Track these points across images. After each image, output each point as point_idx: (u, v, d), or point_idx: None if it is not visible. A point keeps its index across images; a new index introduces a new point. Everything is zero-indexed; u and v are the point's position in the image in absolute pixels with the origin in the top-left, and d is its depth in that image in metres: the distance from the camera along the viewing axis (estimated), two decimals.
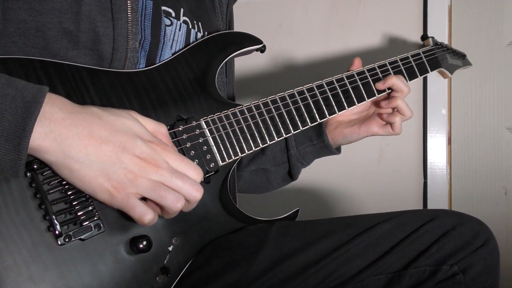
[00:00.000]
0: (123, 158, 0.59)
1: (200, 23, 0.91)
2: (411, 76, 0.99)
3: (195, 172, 0.64)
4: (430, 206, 1.55)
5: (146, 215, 0.60)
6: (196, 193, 0.63)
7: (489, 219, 1.01)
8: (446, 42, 1.53)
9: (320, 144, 1.00)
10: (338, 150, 1.04)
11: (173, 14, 0.85)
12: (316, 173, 1.63)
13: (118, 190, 0.59)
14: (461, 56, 1.17)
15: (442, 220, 0.75)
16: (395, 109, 0.96)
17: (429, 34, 1.53)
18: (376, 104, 0.99)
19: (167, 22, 0.84)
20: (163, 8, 0.83)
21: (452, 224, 0.75)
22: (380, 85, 0.94)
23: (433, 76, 1.54)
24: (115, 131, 0.60)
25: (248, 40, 0.87)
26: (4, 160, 0.55)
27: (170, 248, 0.71)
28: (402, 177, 1.59)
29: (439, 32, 1.53)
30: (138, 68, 0.77)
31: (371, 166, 1.62)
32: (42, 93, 0.56)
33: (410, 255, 0.73)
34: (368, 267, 0.73)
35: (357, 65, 0.97)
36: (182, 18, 0.87)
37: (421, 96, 1.57)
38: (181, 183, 0.62)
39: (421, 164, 1.58)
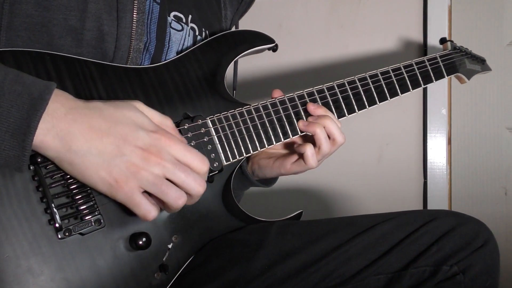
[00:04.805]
0: (124, 150, 0.59)
1: (207, 31, 0.91)
2: (426, 80, 0.96)
3: (201, 163, 0.63)
4: (430, 206, 1.55)
5: (151, 212, 0.60)
6: (198, 187, 0.62)
7: (489, 219, 1.01)
8: None
9: (238, 169, 0.91)
10: (263, 183, 0.94)
11: (184, 20, 0.86)
12: (316, 173, 1.63)
13: (119, 184, 0.59)
14: (480, 61, 1.14)
15: (442, 221, 0.75)
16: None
17: (429, 34, 1.53)
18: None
19: (178, 27, 0.84)
20: (174, 13, 0.84)
21: (452, 224, 0.75)
22: (301, 125, 0.82)
23: None
24: (116, 123, 0.60)
25: (260, 39, 0.86)
26: (9, 156, 0.55)
27: (170, 246, 0.71)
28: (402, 177, 1.60)
29: (439, 32, 1.53)
30: (147, 64, 0.77)
31: (371, 166, 1.62)
32: (48, 90, 0.57)
33: (410, 255, 0.73)
34: (368, 266, 0.73)
35: (276, 96, 0.85)
36: (190, 24, 0.87)
37: (421, 96, 1.57)
38: (184, 176, 0.61)
39: (421, 164, 1.58)
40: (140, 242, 0.65)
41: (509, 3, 1.51)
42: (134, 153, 0.59)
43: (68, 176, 0.62)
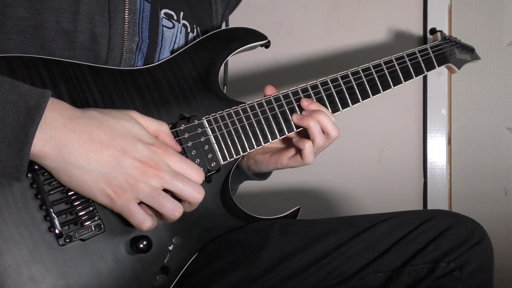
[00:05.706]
0: (123, 163, 0.59)
1: (198, 28, 0.91)
2: (418, 72, 0.96)
3: (196, 174, 0.65)
4: (430, 206, 1.55)
5: (145, 222, 0.61)
6: (197, 195, 0.64)
7: (489, 219, 1.02)
8: None
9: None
10: (258, 176, 0.95)
11: (175, 17, 0.86)
12: (316, 173, 1.63)
13: (118, 195, 0.59)
14: (470, 50, 1.14)
15: (439, 220, 0.76)
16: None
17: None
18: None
19: (169, 24, 0.84)
20: (165, 10, 0.84)
21: (448, 223, 0.76)
22: (295, 118, 0.83)
23: (433, 76, 1.54)
24: (115, 135, 0.60)
25: (252, 36, 0.86)
26: (6, 166, 0.55)
27: (171, 248, 0.72)
28: (402, 177, 1.60)
29: None
30: (141, 66, 0.77)
31: (371, 166, 1.62)
32: (44, 99, 0.56)
33: (408, 254, 0.74)
34: (367, 265, 0.74)
35: (269, 93, 0.85)
36: (182, 21, 0.87)
37: (421, 96, 1.57)
38: (182, 185, 0.62)
39: (421, 164, 1.58)
40: (141, 246, 0.66)
41: (509, 3, 1.51)
42: (132, 165, 0.60)
43: None
